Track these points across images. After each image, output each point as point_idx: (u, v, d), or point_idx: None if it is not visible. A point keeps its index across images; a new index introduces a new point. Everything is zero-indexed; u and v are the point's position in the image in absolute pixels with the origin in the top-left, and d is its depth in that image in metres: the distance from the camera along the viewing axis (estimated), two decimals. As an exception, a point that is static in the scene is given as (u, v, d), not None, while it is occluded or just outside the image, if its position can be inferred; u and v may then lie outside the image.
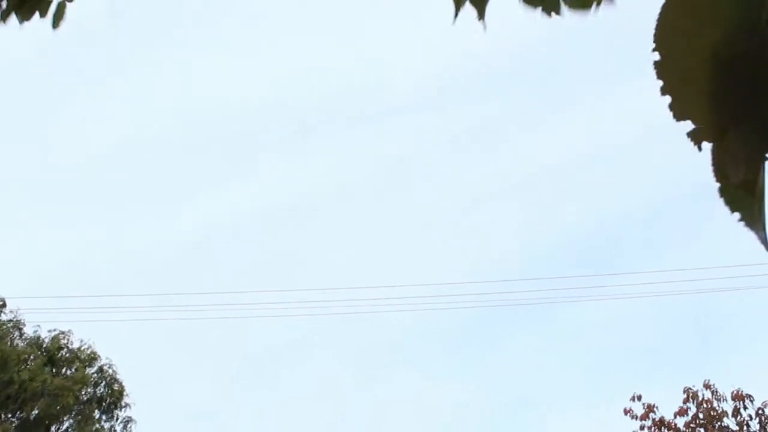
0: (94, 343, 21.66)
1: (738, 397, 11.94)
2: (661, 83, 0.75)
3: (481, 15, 1.69)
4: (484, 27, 1.68)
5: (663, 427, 12.44)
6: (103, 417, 21.56)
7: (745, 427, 12.12)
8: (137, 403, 22.06)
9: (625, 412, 12.78)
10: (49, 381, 19.56)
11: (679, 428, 12.29)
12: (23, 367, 19.85)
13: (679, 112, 0.75)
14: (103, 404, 21.39)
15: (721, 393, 12.11)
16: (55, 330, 21.35)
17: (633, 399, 12.61)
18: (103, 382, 21.34)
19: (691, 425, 12.24)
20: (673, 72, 0.76)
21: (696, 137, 0.75)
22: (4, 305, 20.72)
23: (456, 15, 1.67)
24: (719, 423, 12.03)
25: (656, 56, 0.75)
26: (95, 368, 21.12)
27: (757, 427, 12.09)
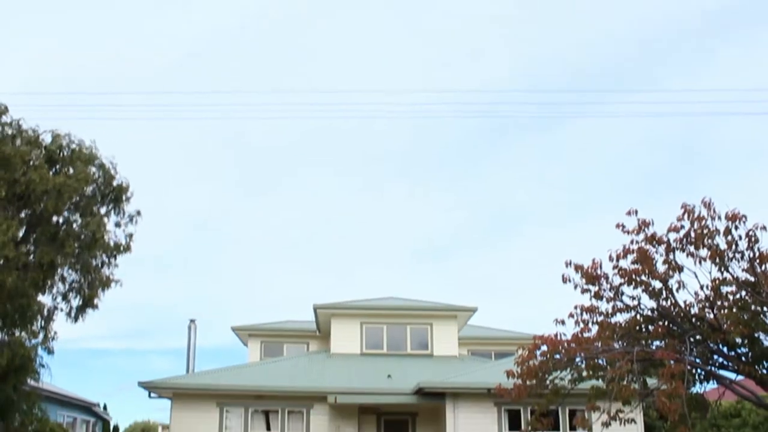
0: (94, 142, 21.59)
1: (732, 217, 12.03)
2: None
3: None
4: None
5: (654, 242, 12.67)
6: (111, 212, 21.85)
7: (733, 246, 12.32)
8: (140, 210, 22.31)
9: (617, 226, 12.94)
10: (51, 180, 19.66)
11: (670, 244, 12.50)
12: (27, 167, 19.87)
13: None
14: (107, 200, 21.62)
15: (718, 212, 12.20)
16: (54, 129, 21.24)
17: (629, 213, 12.72)
18: (104, 179, 21.45)
19: (683, 241, 12.44)
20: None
21: None
22: (6, 111, 20.51)
23: None
24: (710, 241, 12.23)
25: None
26: (96, 166, 21.17)
27: (746, 246, 12.28)
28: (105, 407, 41.67)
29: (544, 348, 12.71)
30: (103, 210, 21.49)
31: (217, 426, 24.37)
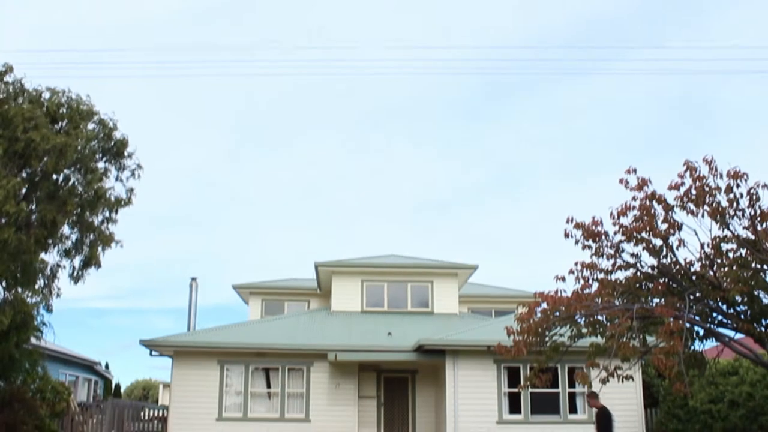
0: (89, 97, 21.52)
1: (734, 175, 11.97)
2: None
3: None
4: None
5: (654, 200, 12.62)
6: (112, 167, 21.80)
7: (734, 204, 12.29)
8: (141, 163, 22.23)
9: (620, 181, 12.90)
10: (52, 138, 19.61)
11: (668, 201, 12.46)
12: (28, 125, 19.83)
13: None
14: (108, 155, 21.57)
15: (720, 170, 12.14)
16: (54, 87, 21.16)
17: (628, 172, 12.65)
18: (104, 134, 21.39)
19: (683, 199, 12.40)
20: None
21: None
22: (11, 70, 20.43)
23: None
24: (711, 198, 12.18)
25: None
26: (95, 121, 21.11)
27: (747, 203, 12.24)
28: (107, 366, 41.99)
29: (545, 305, 12.73)
30: (103, 165, 21.49)
31: (217, 383, 24.54)
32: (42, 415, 24.49)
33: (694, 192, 12.38)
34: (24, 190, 20.26)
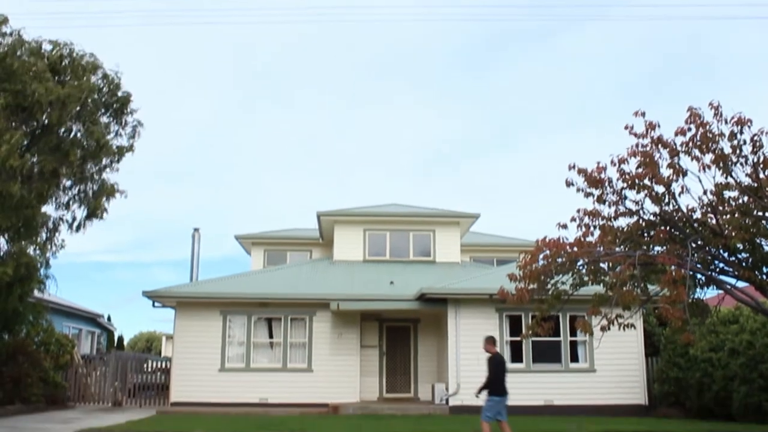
0: (93, 54, 21.34)
1: (738, 121, 11.83)
2: None
3: None
4: None
5: (660, 145, 12.48)
6: (112, 122, 21.66)
7: (738, 151, 12.17)
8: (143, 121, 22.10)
9: (625, 127, 12.76)
10: (54, 90, 19.45)
11: (675, 146, 12.33)
12: (30, 78, 19.66)
13: None
14: (111, 110, 21.42)
15: (724, 116, 11.98)
16: (56, 39, 20.99)
17: (636, 115, 12.50)
18: (108, 89, 21.26)
19: (688, 145, 12.26)
20: None
21: None
22: (6, 21, 20.19)
23: None
24: (715, 145, 12.05)
25: None
26: (99, 76, 20.93)
27: (750, 150, 12.12)
28: (109, 319, 42.24)
29: (547, 252, 12.68)
30: (106, 120, 21.40)
31: (220, 334, 24.67)
32: (46, 368, 24.72)
33: (699, 138, 12.25)
34: (26, 143, 20.22)
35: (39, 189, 19.66)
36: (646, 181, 12.56)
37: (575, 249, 12.52)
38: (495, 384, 13.53)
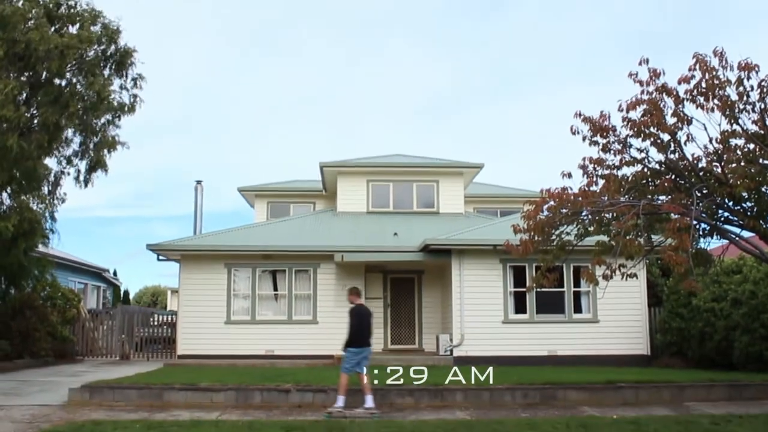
0: (93, 2, 21.01)
1: (745, 67, 11.65)
2: None
3: None
4: None
5: (664, 93, 12.32)
6: (114, 76, 21.36)
7: (744, 98, 12.00)
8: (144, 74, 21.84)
9: (629, 75, 12.59)
10: (53, 39, 19.11)
11: (679, 95, 12.17)
12: (26, 25, 19.32)
13: None
14: (112, 62, 21.12)
15: (730, 62, 11.80)
16: None
17: (641, 63, 12.32)
18: (108, 40, 20.93)
19: (693, 93, 12.10)
20: None
21: None
22: None
23: None
24: (721, 92, 11.88)
25: None
26: (98, 26, 20.57)
27: (757, 97, 11.97)
28: (115, 273, 42.43)
29: (552, 203, 12.61)
30: (107, 72, 21.14)
31: (225, 286, 24.77)
32: (53, 322, 24.86)
33: (704, 85, 12.08)
34: (25, 95, 19.99)
35: (39, 141, 19.49)
36: (652, 129, 12.43)
37: (580, 199, 12.45)
38: (356, 335, 13.52)
